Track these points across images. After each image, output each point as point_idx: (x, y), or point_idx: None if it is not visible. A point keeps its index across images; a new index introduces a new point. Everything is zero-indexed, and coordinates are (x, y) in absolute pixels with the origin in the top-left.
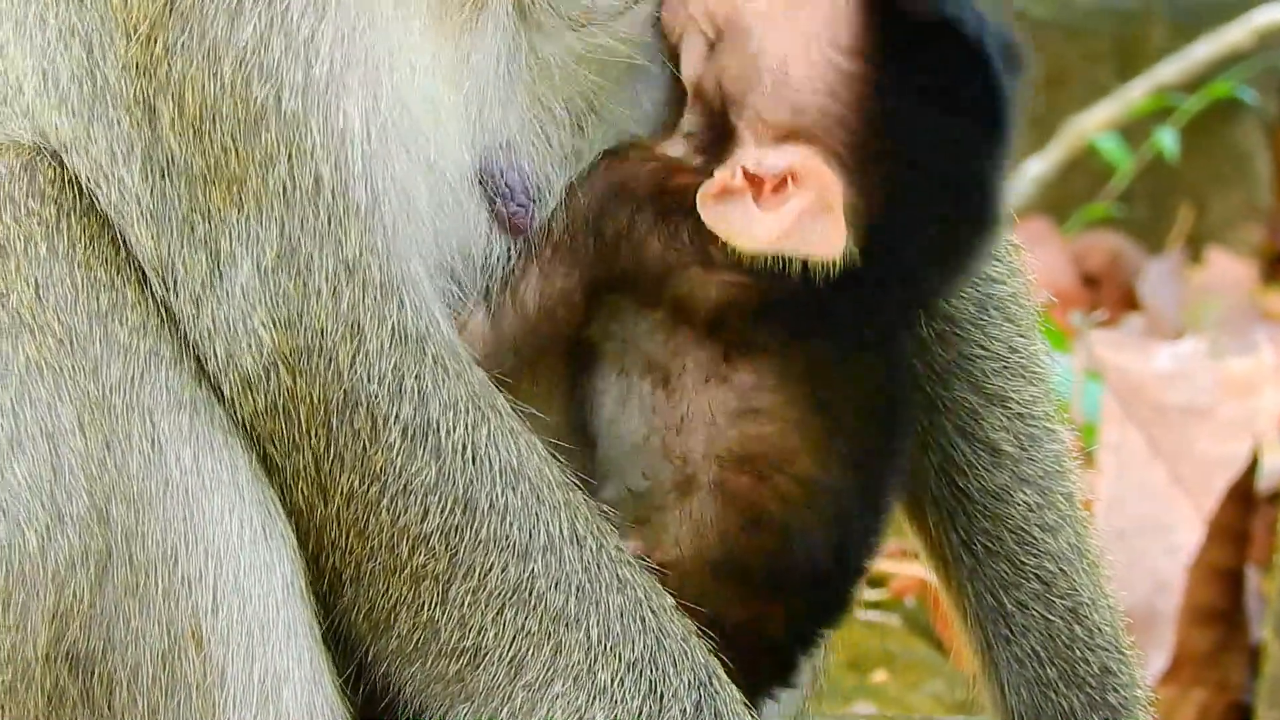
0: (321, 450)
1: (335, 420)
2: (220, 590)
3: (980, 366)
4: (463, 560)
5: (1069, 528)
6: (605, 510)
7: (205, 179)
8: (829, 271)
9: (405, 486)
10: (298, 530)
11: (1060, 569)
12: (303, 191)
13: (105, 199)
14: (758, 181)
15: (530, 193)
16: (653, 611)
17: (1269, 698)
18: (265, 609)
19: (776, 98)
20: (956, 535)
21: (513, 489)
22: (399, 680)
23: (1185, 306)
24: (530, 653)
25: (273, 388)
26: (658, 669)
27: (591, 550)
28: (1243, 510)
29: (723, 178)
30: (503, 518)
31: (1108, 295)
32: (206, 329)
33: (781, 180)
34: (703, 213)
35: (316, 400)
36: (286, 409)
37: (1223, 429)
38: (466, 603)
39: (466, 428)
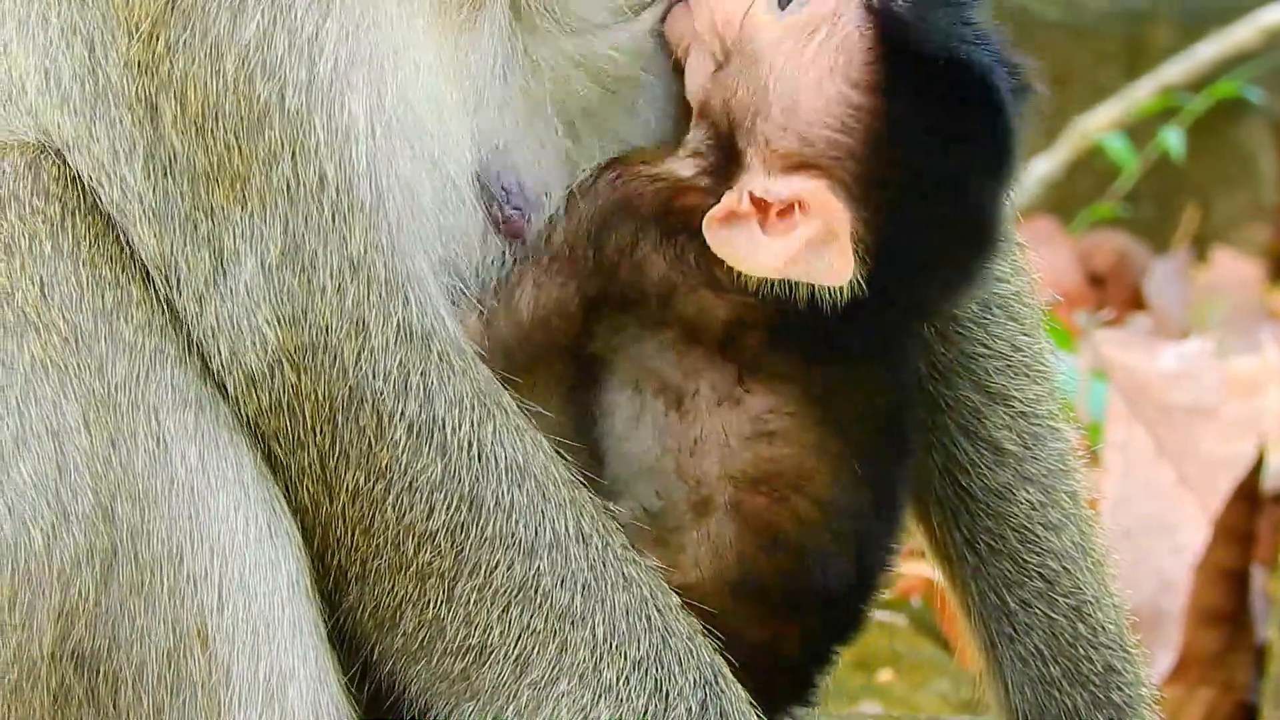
0: (326, 447)
1: (340, 417)
2: (225, 588)
3: (983, 365)
4: (468, 558)
5: (1073, 526)
6: (615, 513)
7: (208, 177)
8: (836, 298)
9: (411, 483)
10: (303, 528)
11: (1064, 567)
12: (307, 188)
13: (107, 198)
14: (764, 207)
15: (526, 197)
16: (658, 610)
17: (1274, 697)
18: (270, 607)
19: (786, 127)
20: (960, 534)
21: (519, 486)
22: (404, 678)
23: (1191, 306)
24: (536, 651)
25: (277, 385)
26: (663, 667)
27: (597, 548)
28: (1248, 510)
29: (729, 202)
30: (508, 515)
31: (1114, 295)
32: (210, 327)
33: (788, 207)
34: (709, 237)
35: (321, 397)
36: (291, 406)
37: (1228, 428)
38: (472, 600)
39: (472, 424)
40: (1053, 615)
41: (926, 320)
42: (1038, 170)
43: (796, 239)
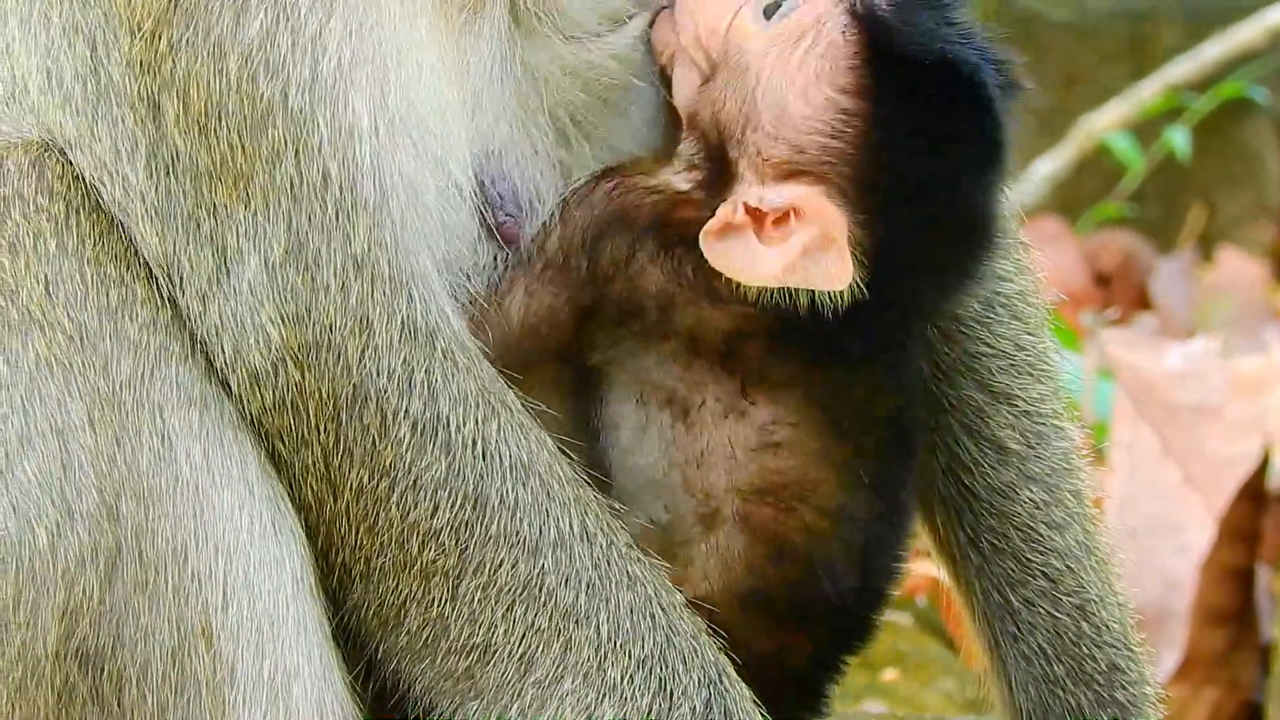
0: (331, 445)
1: (344, 415)
2: (230, 586)
3: (986, 364)
4: (473, 556)
5: (1076, 525)
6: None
7: (211, 175)
8: (836, 303)
9: (415, 481)
10: (307, 526)
11: (1067, 566)
12: (310, 187)
13: (109, 197)
14: (760, 217)
15: (519, 203)
16: (663, 609)
17: None
18: (275, 605)
19: (777, 136)
20: (963, 533)
21: (523, 484)
22: (408, 677)
23: (1196, 306)
24: (540, 649)
25: (281, 383)
26: (668, 666)
27: (601, 547)
28: (1253, 509)
29: (725, 215)
30: (513, 513)
31: (1119, 294)
32: (214, 325)
33: (784, 215)
34: (706, 250)
35: (325, 395)
36: (295, 404)
37: (1234, 428)
38: (476, 599)
39: (477, 422)
40: (1056, 614)
41: (927, 321)
42: (1043, 170)
43: (794, 246)
